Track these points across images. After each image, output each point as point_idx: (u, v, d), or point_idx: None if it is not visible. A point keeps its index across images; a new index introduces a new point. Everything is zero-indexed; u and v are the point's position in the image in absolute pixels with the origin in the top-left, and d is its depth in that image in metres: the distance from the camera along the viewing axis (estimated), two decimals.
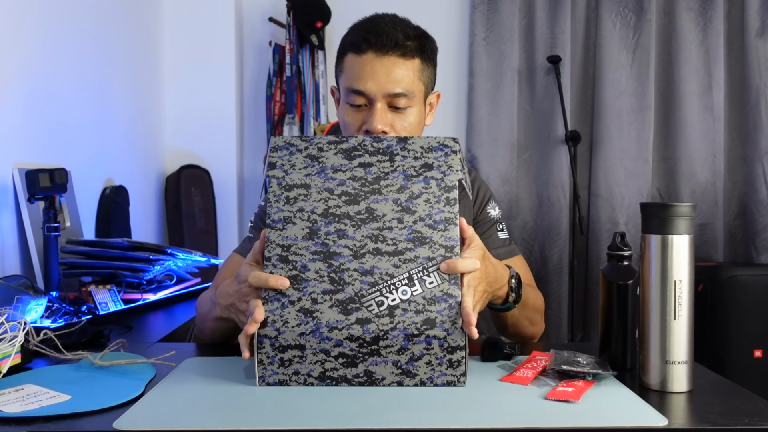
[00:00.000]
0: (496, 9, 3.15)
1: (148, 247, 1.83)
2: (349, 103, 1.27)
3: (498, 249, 1.36)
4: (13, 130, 1.84)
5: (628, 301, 1.04)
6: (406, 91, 1.25)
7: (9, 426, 0.81)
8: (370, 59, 1.23)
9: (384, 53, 1.23)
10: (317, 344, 0.92)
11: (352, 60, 1.25)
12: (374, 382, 0.93)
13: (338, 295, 0.94)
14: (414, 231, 0.97)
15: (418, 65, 1.27)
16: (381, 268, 0.95)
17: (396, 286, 0.94)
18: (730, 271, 2.74)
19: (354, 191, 0.99)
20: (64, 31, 2.13)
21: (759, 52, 3.10)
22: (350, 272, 0.95)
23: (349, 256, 0.96)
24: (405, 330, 0.92)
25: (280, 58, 3.08)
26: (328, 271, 0.95)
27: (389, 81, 1.23)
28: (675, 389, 0.93)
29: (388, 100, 1.25)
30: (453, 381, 0.93)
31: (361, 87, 1.24)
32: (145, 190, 2.80)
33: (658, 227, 0.94)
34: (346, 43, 1.28)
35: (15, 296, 1.35)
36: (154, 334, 1.51)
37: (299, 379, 0.93)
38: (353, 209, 0.98)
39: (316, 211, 0.98)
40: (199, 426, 0.81)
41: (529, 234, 3.19)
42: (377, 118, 1.23)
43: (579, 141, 3.06)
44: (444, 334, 0.92)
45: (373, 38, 1.23)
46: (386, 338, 0.92)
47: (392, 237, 0.97)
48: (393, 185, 1.00)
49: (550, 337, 3.14)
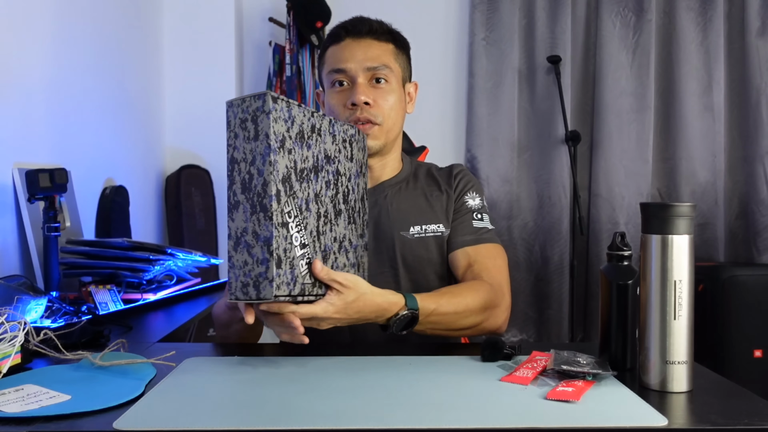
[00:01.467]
0: (496, 9, 3.15)
1: (148, 247, 1.83)
2: (333, 85, 1.35)
3: (465, 236, 1.38)
4: (13, 130, 1.84)
5: (628, 301, 1.04)
6: (382, 65, 1.34)
7: (9, 426, 0.81)
8: (348, 43, 1.35)
9: (360, 37, 1.35)
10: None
11: (333, 50, 1.37)
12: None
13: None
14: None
15: (393, 48, 1.38)
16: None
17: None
18: (731, 271, 2.74)
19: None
20: (64, 32, 2.13)
21: (759, 51, 3.10)
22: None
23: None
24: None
25: (280, 58, 3.08)
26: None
27: (367, 57, 1.34)
28: (675, 389, 0.93)
29: (368, 75, 1.34)
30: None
31: (341, 65, 1.34)
32: (145, 190, 2.80)
33: (658, 227, 0.94)
34: (326, 41, 1.40)
35: (15, 296, 1.35)
36: (154, 334, 1.51)
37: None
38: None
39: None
40: (199, 426, 0.81)
41: (529, 234, 3.19)
42: (359, 90, 1.32)
43: (579, 141, 3.06)
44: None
45: (349, 26, 1.36)
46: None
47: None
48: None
49: (551, 337, 3.14)
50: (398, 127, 1.40)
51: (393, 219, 1.37)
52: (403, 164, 1.46)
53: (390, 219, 1.37)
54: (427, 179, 1.45)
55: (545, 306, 3.17)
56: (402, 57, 1.40)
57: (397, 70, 1.38)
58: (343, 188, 1.16)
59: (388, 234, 1.36)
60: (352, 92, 1.32)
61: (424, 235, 1.37)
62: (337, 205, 1.13)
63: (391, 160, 1.43)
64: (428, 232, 1.38)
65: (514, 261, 3.18)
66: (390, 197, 1.40)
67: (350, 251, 1.17)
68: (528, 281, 3.19)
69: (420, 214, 1.39)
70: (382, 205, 1.39)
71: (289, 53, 3.02)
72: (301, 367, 1.04)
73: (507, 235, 3.17)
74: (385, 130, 1.35)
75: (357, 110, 1.32)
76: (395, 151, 1.43)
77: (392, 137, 1.38)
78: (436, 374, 1.01)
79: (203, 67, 3.02)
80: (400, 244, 1.36)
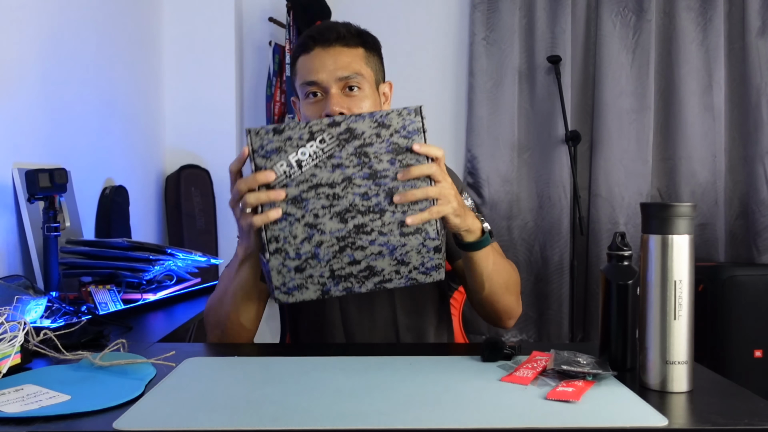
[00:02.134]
0: (496, 9, 3.15)
1: (148, 247, 1.83)
2: (307, 96, 1.34)
3: None
4: (13, 130, 1.84)
5: (628, 301, 1.03)
6: (354, 73, 1.32)
7: (9, 426, 0.81)
8: (317, 53, 1.33)
9: (329, 45, 1.33)
10: (327, 249, 1.05)
11: (303, 60, 1.35)
12: (375, 275, 1.06)
13: (335, 207, 1.05)
14: (391, 143, 1.06)
15: (362, 53, 1.35)
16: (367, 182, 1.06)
17: (385, 191, 1.05)
18: (731, 271, 2.74)
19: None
20: (64, 31, 2.13)
21: (760, 51, 3.10)
22: (342, 186, 1.05)
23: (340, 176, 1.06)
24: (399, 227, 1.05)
25: (280, 58, 3.07)
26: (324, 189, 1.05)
27: (338, 67, 1.31)
28: (675, 389, 0.93)
29: (340, 84, 1.32)
30: (439, 264, 1.06)
31: (313, 77, 1.31)
32: (145, 190, 2.80)
33: (658, 227, 0.94)
34: (295, 51, 1.38)
35: (15, 296, 1.35)
36: (154, 334, 1.51)
37: (314, 281, 1.05)
38: (334, 130, 1.06)
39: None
40: (199, 426, 0.81)
41: (529, 234, 3.19)
42: (333, 101, 1.30)
43: (579, 141, 3.06)
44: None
45: (317, 35, 1.34)
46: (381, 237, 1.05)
47: (373, 152, 1.05)
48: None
49: (551, 337, 3.14)
50: None
51: None
52: None
53: None
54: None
55: (545, 306, 3.17)
56: (373, 59, 1.37)
57: (369, 75, 1.35)
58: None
59: None
60: (326, 103, 1.30)
61: None
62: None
63: None
64: None
65: (514, 261, 3.14)
66: None
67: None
68: (528, 281, 3.19)
69: None
70: None
71: (289, 53, 3.02)
72: (301, 367, 1.04)
73: (507, 235, 3.17)
74: None
75: None
76: None
77: None
78: (436, 374, 1.01)
79: (203, 67, 3.02)
80: None
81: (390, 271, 1.06)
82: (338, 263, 1.04)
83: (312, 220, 1.04)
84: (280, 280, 1.05)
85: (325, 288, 1.06)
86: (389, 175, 1.05)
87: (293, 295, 1.06)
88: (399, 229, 1.04)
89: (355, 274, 1.05)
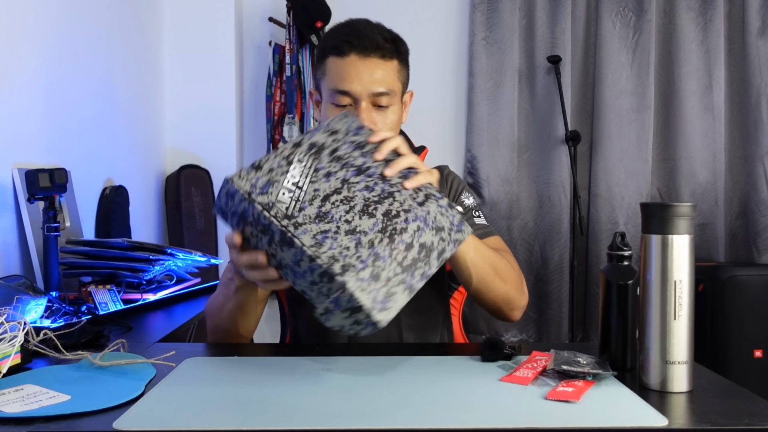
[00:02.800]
0: (496, 9, 3.15)
1: (148, 247, 1.83)
2: (334, 104, 1.31)
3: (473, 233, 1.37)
4: (13, 130, 1.84)
5: (628, 301, 1.03)
6: (388, 90, 1.30)
7: (9, 426, 0.81)
8: (353, 61, 1.29)
9: (366, 55, 1.29)
10: (381, 245, 0.98)
11: (335, 63, 1.30)
12: (432, 250, 1.01)
13: (356, 207, 1.01)
14: (350, 142, 1.08)
15: (396, 66, 1.33)
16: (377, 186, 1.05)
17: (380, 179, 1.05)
18: (731, 271, 2.74)
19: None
20: (64, 32, 2.13)
21: (759, 51, 3.10)
22: (346, 188, 1.03)
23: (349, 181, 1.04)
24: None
25: (280, 58, 3.08)
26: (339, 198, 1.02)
27: (373, 81, 1.29)
28: (675, 389, 0.93)
29: (371, 99, 1.30)
30: (461, 218, 1.06)
31: (346, 87, 1.29)
32: (145, 190, 2.80)
33: (658, 227, 0.94)
34: (327, 47, 1.33)
35: (15, 296, 1.35)
36: (154, 334, 1.51)
37: (394, 282, 0.97)
38: (301, 149, 1.06)
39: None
40: (199, 426, 0.81)
41: (529, 234, 3.19)
42: (363, 117, 1.28)
43: (579, 141, 3.06)
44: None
45: (355, 41, 1.29)
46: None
47: (344, 154, 1.06)
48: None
49: (551, 337, 3.14)
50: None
51: None
52: None
53: None
54: None
55: (545, 306, 3.17)
56: (404, 71, 1.36)
57: (399, 89, 1.34)
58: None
59: None
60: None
61: None
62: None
63: None
64: None
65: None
66: None
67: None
68: (528, 281, 3.17)
69: None
70: None
71: (289, 53, 3.02)
72: (301, 367, 1.04)
73: (507, 235, 3.17)
74: None
75: None
76: None
77: None
78: (436, 374, 1.01)
79: (203, 67, 3.02)
80: None
81: (437, 242, 1.03)
82: (399, 254, 0.98)
83: (348, 227, 0.98)
84: (369, 299, 0.93)
85: (407, 283, 0.98)
86: (371, 165, 1.06)
87: (389, 309, 0.95)
88: (414, 201, 1.04)
89: (419, 258, 1.00)
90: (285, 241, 0.95)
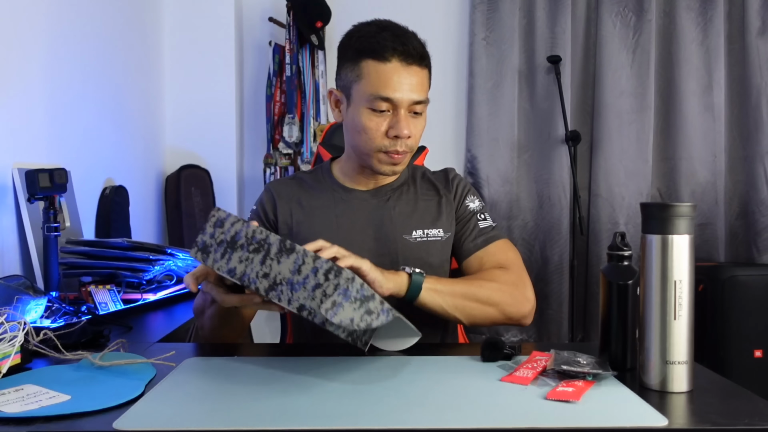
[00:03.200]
0: (496, 9, 3.15)
1: (148, 247, 1.83)
2: (373, 109, 1.30)
3: (476, 240, 1.39)
4: (13, 130, 1.84)
5: (628, 301, 1.04)
6: (425, 98, 1.32)
7: (9, 426, 0.81)
8: (396, 68, 1.28)
9: (409, 63, 1.29)
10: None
11: (376, 67, 1.29)
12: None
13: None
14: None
15: (427, 74, 1.34)
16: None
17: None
18: (731, 271, 2.74)
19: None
20: (64, 32, 2.13)
21: (759, 51, 3.10)
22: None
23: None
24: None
25: (280, 58, 3.08)
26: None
27: (413, 90, 1.29)
28: (675, 389, 0.93)
29: (410, 107, 1.30)
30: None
31: (389, 95, 1.28)
32: (145, 190, 2.80)
33: (658, 227, 0.94)
34: (364, 49, 1.31)
35: (15, 296, 1.35)
36: (154, 334, 1.51)
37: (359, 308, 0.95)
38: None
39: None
40: (199, 426, 0.81)
41: (529, 234, 3.19)
42: (405, 124, 1.29)
43: (579, 141, 3.06)
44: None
45: (400, 46, 1.28)
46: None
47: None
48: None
49: (551, 337, 3.14)
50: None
51: (396, 223, 1.37)
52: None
53: (393, 223, 1.37)
54: (424, 183, 1.45)
55: (545, 306, 3.17)
56: (430, 80, 1.36)
57: (428, 97, 1.35)
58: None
59: (391, 238, 1.36)
60: (395, 123, 1.29)
61: (426, 239, 1.37)
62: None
63: None
64: (430, 236, 1.38)
65: None
66: (392, 201, 1.40)
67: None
68: None
69: (421, 218, 1.39)
70: (384, 208, 1.39)
71: (289, 53, 3.02)
72: (301, 367, 1.04)
73: (507, 235, 3.16)
74: (411, 155, 1.36)
75: (398, 143, 1.30)
76: None
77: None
78: (436, 374, 1.01)
79: (203, 67, 3.02)
80: (402, 248, 1.36)
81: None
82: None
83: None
84: (347, 332, 0.97)
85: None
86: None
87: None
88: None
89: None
90: (284, 250, 0.95)
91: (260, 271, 0.96)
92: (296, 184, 1.44)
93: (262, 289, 0.96)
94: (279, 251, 0.95)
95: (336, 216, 1.37)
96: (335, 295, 0.93)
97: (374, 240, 1.36)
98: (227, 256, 0.98)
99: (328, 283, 0.94)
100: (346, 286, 0.93)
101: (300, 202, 1.40)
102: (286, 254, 0.95)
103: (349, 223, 1.37)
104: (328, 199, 1.40)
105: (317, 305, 0.94)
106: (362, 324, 0.93)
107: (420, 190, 1.43)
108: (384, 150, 1.31)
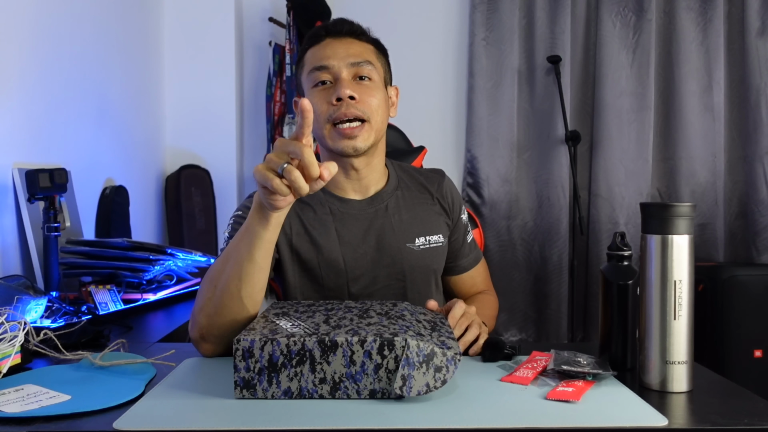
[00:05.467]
0: (496, 9, 3.15)
1: (148, 247, 1.83)
2: (315, 85, 1.29)
3: (468, 257, 1.46)
4: (13, 130, 1.84)
5: (628, 301, 1.04)
6: (366, 60, 1.30)
7: (9, 426, 0.81)
8: (328, 42, 1.31)
9: (341, 36, 1.32)
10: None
11: (312, 50, 1.32)
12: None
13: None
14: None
15: (373, 49, 1.35)
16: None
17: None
18: (731, 271, 2.74)
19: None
20: (64, 32, 2.13)
21: (759, 51, 3.11)
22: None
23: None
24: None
25: (280, 58, 3.08)
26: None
27: (349, 54, 1.29)
28: (675, 389, 0.93)
29: (351, 71, 1.29)
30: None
31: (324, 62, 1.28)
32: (145, 190, 2.80)
33: (658, 227, 0.94)
34: (305, 44, 1.36)
35: (15, 296, 1.35)
36: (154, 334, 1.51)
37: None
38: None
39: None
40: (199, 426, 0.81)
41: (529, 234, 3.19)
42: (344, 84, 1.26)
43: (579, 141, 3.06)
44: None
45: (329, 26, 1.33)
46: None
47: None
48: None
49: (550, 337, 3.14)
50: (384, 128, 1.34)
51: (398, 232, 1.35)
52: (388, 170, 1.42)
53: (395, 232, 1.35)
54: (415, 185, 1.42)
55: (545, 306, 3.17)
56: (382, 59, 1.36)
57: (380, 69, 1.33)
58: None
59: (395, 246, 1.34)
60: (336, 88, 1.26)
61: (429, 246, 1.37)
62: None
63: (378, 164, 1.37)
64: (432, 243, 1.38)
65: (514, 261, 3.18)
66: (391, 209, 1.37)
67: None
68: (527, 281, 3.19)
69: (422, 225, 1.38)
70: (384, 217, 1.36)
71: (289, 53, 3.02)
72: None
73: (507, 235, 3.17)
74: (374, 128, 1.29)
75: (342, 106, 1.25)
76: (380, 154, 1.37)
77: (379, 137, 1.33)
78: None
79: (203, 67, 3.02)
80: (407, 257, 1.34)
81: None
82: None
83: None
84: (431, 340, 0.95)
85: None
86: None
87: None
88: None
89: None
90: (328, 348, 0.90)
91: (314, 379, 0.91)
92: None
93: (326, 394, 0.91)
94: (323, 353, 0.91)
95: (336, 228, 1.33)
96: (400, 369, 0.89)
97: (377, 250, 1.33)
98: (275, 381, 0.91)
99: (386, 360, 0.90)
100: (406, 354, 0.89)
101: (297, 213, 1.33)
102: (332, 352, 0.90)
103: (350, 235, 1.33)
104: (324, 211, 1.34)
105: (388, 386, 0.90)
106: (438, 384, 0.90)
107: (414, 193, 1.41)
108: (332, 121, 1.26)
